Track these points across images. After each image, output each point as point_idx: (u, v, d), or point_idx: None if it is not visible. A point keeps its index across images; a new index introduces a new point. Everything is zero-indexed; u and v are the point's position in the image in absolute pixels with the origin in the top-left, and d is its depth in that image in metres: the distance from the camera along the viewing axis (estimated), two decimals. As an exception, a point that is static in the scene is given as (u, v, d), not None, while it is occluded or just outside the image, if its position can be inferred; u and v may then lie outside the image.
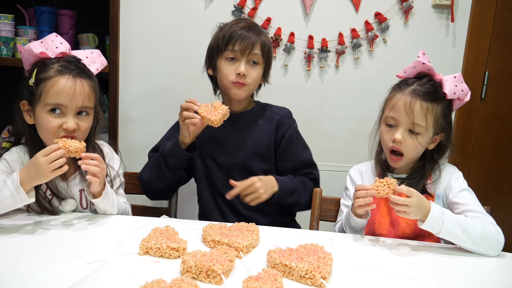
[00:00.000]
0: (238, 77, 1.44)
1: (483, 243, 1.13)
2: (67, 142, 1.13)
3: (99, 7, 1.89)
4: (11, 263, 0.95)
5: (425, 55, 1.27)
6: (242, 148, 1.52)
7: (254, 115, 1.55)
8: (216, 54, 1.48)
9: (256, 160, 1.52)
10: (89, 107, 1.23)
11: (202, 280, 0.89)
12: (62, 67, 1.20)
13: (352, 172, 1.44)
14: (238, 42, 1.43)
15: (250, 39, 1.44)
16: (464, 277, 1.03)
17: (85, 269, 0.92)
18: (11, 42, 1.83)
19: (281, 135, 1.53)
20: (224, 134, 1.51)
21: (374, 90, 2.02)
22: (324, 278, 0.91)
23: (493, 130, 2.16)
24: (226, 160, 1.52)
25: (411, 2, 1.98)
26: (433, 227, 1.13)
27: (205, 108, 1.36)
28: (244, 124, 1.54)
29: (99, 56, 1.32)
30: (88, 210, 1.31)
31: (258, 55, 1.46)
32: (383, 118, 1.32)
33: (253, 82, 1.48)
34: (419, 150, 1.29)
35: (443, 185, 1.30)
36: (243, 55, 1.44)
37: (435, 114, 1.25)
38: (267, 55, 1.50)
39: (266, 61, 1.50)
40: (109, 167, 1.33)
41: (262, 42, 1.46)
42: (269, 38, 1.55)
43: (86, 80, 1.23)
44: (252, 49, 1.44)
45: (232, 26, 1.47)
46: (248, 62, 1.46)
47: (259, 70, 1.49)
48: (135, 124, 2.03)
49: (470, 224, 1.14)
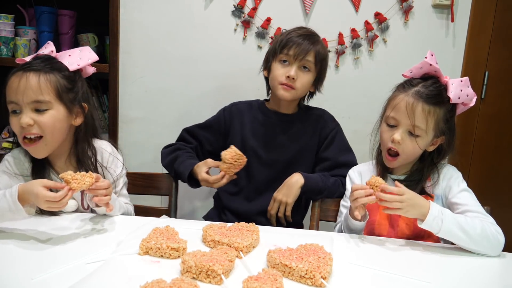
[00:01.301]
0: (287, 80, 1.49)
1: (482, 243, 1.13)
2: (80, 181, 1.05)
3: (99, 7, 1.89)
4: (11, 263, 0.95)
5: (433, 56, 1.26)
6: (286, 148, 1.57)
7: (301, 118, 1.61)
8: (272, 56, 1.55)
9: (300, 162, 1.57)
10: (44, 101, 1.18)
11: (202, 280, 0.89)
12: (23, 66, 1.19)
13: (352, 173, 1.44)
14: (293, 47, 1.49)
15: (305, 46, 1.48)
16: (464, 277, 1.03)
17: (85, 269, 0.92)
18: (11, 42, 1.83)
19: (323, 137, 1.59)
20: (269, 131, 1.58)
21: (374, 90, 2.03)
22: (324, 278, 0.91)
23: (493, 130, 2.15)
24: (269, 156, 1.57)
25: (411, 2, 1.97)
26: (433, 226, 1.13)
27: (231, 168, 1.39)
28: (291, 126, 1.59)
29: (88, 52, 1.28)
30: (89, 211, 1.31)
31: (311, 62, 1.50)
32: (384, 117, 1.31)
33: (302, 87, 1.51)
34: (416, 152, 1.28)
35: (442, 186, 1.29)
36: (296, 60, 1.49)
37: (437, 117, 1.24)
38: (321, 64, 1.53)
39: (319, 70, 1.54)
40: (110, 171, 1.33)
41: (316, 51, 1.50)
42: (325, 49, 1.59)
43: (41, 74, 1.18)
44: (305, 56, 1.48)
45: (291, 33, 1.53)
46: (300, 67, 1.50)
47: (309, 77, 1.52)
48: (135, 124, 2.03)
49: (469, 224, 1.14)
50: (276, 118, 1.58)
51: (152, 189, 1.63)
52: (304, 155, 1.58)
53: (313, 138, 1.58)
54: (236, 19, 1.98)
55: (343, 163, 1.54)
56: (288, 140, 1.58)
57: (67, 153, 1.30)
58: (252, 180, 1.58)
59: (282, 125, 1.59)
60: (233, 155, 1.37)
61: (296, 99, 1.57)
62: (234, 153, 1.37)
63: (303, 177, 1.46)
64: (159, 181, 1.61)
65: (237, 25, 1.98)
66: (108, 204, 1.15)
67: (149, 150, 1.71)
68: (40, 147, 1.20)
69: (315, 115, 1.62)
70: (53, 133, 1.20)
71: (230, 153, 1.37)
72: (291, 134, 1.58)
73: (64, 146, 1.28)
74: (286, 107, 1.59)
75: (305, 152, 1.58)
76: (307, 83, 1.53)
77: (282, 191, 1.46)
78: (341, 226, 1.32)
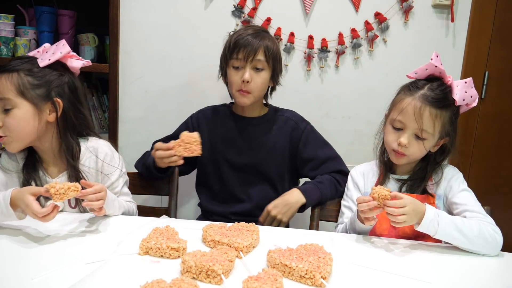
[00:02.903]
0: (242, 85, 1.48)
1: (480, 243, 1.14)
2: (63, 196, 1.05)
3: (99, 7, 1.89)
4: (11, 263, 0.95)
5: (438, 57, 1.25)
6: (255, 151, 1.56)
7: (268, 121, 1.59)
8: (224, 63, 1.54)
9: (270, 164, 1.56)
10: (5, 99, 1.19)
11: (202, 280, 0.89)
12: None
13: (354, 173, 1.43)
14: (241, 50, 1.46)
15: (253, 46, 1.46)
16: (464, 277, 1.03)
17: (85, 269, 0.92)
18: (11, 42, 1.83)
19: (297, 139, 1.57)
20: (237, 136, 1.57)
21: (374, 90, 2.04)
22: (324, 278, 0.91)
23: (493, 130, 2.15)
24: (240, 160, 1.56)
25: (411, 2, 1.97)
26: (429, 229, 1.13)
27: (181, 148, 1.38)
28: (258, 129, 1.58)
29: (61, 45, 1.26)
30: (77, 209, 1.30)
31: (262, 61, 1.48)
32: (390, 119, 1.31)
33: (257, 89, 1.50)
34: (422, 153, 1.28)
35: (444, 186, 1.30)
36: (247, 62, 1.47)
37: (443, 120, 1.24)
38: (273, 58, 1.50)
39: (273, 66, 1.51)
40: (104, 171, 1.33)
41: (265, 47, 1.47)
42: (275, 41, 1.55)
43: (4, 74, 1.20)
44: (255, 56, 1.46)
45: (237, 34, 1.50)
46: (253, 68, 1.48)
47: (264, 76, 1.50)
48: (135, 124, 2.03)
49: (466, 225, 1.14)
50: (242, 122, 1.57)
51: (152, 189, 1.63)
52: (274, 157, 1.56)
53: (283, 141, 1.57)
54: (236, 19, 1.98)
55: (326, 158, 1.56)
56: (256, 144, 1.56)
57: (55, 149, 1.29)
58: (225, 184, 1.58)
59: (249, 129, 1.57)
60: (188, 135, 1.38)
61: (258, 101, 1.56)
62: (190, 136, 1.37)
63: (304, 196, 1.43)
64: (159, 181, 1.61)
65: (237, 25, 1.98)
66: (101, 209, 1.15)
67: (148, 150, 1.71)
68: (9, 143, 1.22)
69: (283, 117, 1.60)
70: (19, 132, 1.21)
71: (187, 134, 1.38)
72: (259, 138, 1.57)
73: (46, 142, 1.27)
74: (251, 110, 1.58)
75: (275, 155, 1.56)
76: (263, 83, 1.51)
77: (279, 208, 1.41)
78: (345, 227, 1.32)
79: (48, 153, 1.29)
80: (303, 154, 1.56)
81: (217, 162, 1.58)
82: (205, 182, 1.63)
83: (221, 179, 1.59)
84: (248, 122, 1.57)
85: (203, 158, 1.56)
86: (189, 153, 1.37)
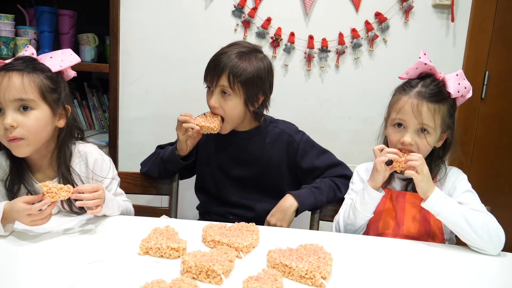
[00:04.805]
0: (212, 109, 1.42)
1: (483, 235, 1.14)
2: (55, 195, 1.05)
3: (99, 7, 1.90)
4: (11, 263, 0.95)
5: (426, 55, 1.27)
6: (248, 163, 1.53)
7: (260, 134, 1.52)
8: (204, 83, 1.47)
9: (266, 177, 1.53)
10: (28, 100, 1.15)
11: (202, 280, 0.89)
12: (4, 66, 1.17)
13: (360, 169, 1.43)
14: (209, 74, 1.41)
15: (216, 70, 1.37)
16: (464, 277, 1.03)
17: (85, 269, 0.92)
18: (11, 42, 1.83)
19: (293, 151, 1.52)
20: (230, 148, 1.53)
21: (374, 90, 2.04)
22: (324, 278, 0.91)
23: (493, 130, 2.15)
24: (235, 173, 1.54)
25: (411, 2, 1.97)
26: (434, 207, 1.17)
27: (201, 119, 1.41)
28: (250, 142, 1.52)
29: (69, 54, 1.27)
30: (72, 211, 1.27)
31: (226, 87, 1.37)
32: (390, 120, 1.31)
33: (229, 114, 1.41)
34: (428, 150, 1.29)
35: (448, 186, 1.30)
36: (215, 86, 1.40)
37: (442, 114, 1.25)
38: (243, 82, 1.37)
39: (244, 91, 1.38)
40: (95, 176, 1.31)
41: (229, 73, 1.35)
42: (259, 64, 1.40)
43: (24, 73, 1.15)
44: (218, 81, 1.38)
45: (220, 51, 1.43)
46: (220, 92, 1.40)
47: (234, 100, 1.39)
48: (135, 124, 2.03)
49: (472, 215, 1.16)
50: (235, 136, 1.50)
51: (152, 189, 1.63)
52: (271, 169, 1.52)
53: (278, 154, 1.52)
54: (236, 19, 1.98)
55: (326, 167, 1.52)
56: (249, 157, 1.51)
57: (49, 155, 1.26)
58: (223, 194, 1.56)
59: (242, 142, 1.52)
60: (211, 114, 1.42)
61: (238, 122, 1.46)
62: (213, 116, 1.41)
63: (296, 200, 1.40)
64: (159, 181, 1.61)
65: (237, 25, 1.98)
66: (97, 206, 1.14)
67: (149, 150, 1.71)
68: (23, 146, 1.17)
69: (277, 129, 1.53)
70: (36, 135, 1.18)
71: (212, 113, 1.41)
72: (251, 151, 1.52)
73: (45, 148, 1.24)
74: (241, 125, 1.50)
75: (271, 167, 1.52)
76: (234, 108, 1.40)
77: (276, 215, 1.40)
78: (344, 214, 1.32)
79: (43, 159, 1.26)
80: (302, 165, 1.52)
81: (213, 173, 1.56)
82: (203, 188, 1.61)
83: (218, 189, 1.57)
84: (238, 136, 1.51)
85: (201, 165, 1.57)
86: (207, 124, 1.39)
